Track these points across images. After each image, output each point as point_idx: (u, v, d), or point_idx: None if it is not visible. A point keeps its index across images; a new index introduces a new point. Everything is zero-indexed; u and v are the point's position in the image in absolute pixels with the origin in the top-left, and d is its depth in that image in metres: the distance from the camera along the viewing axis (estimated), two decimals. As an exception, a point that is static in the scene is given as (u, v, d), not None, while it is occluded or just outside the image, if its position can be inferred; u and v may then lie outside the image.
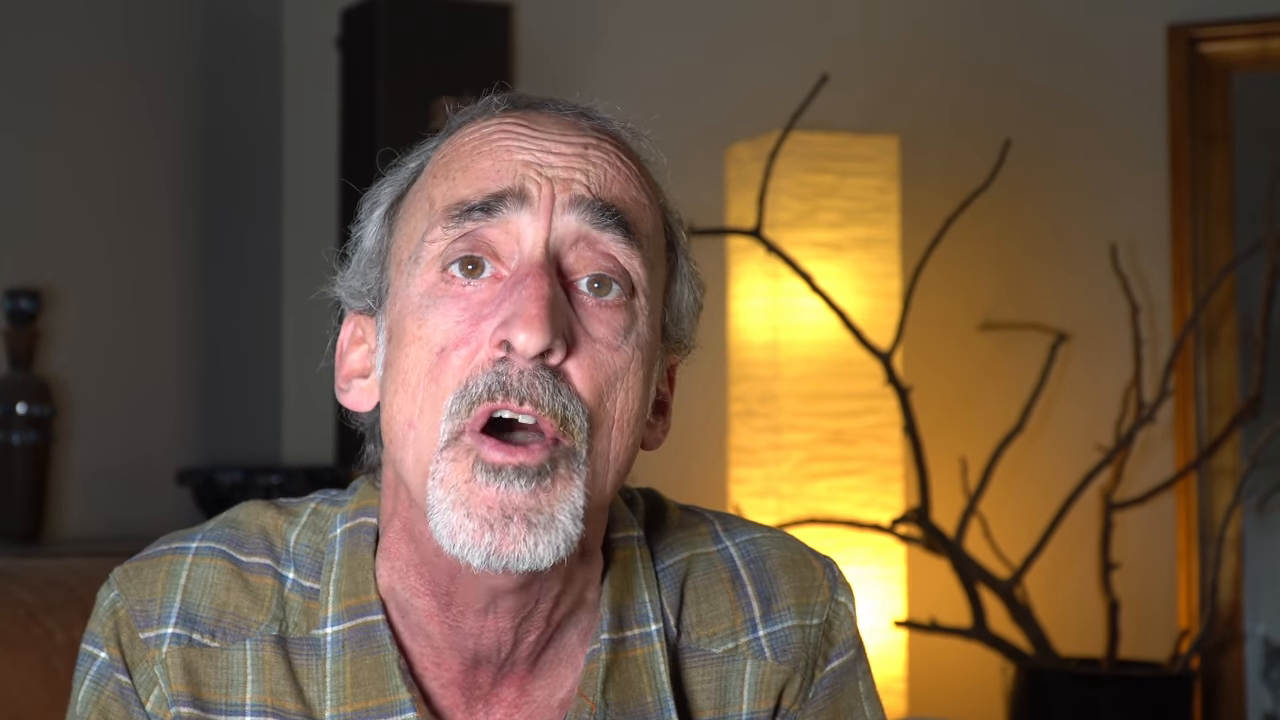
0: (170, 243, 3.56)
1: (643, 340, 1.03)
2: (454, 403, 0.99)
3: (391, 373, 1.03)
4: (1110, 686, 2.75)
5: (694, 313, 1.12)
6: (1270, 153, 3.03)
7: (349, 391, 1.11)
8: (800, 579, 1.15)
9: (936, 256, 2.96)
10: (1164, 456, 3.06)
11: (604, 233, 1.02)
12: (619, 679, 1.09)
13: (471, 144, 1.05)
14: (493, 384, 0.98)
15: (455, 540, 0.97)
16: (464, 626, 1.05)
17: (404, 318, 1.03)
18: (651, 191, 1.08)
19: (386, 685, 1.06)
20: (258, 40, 3.77)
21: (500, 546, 0.96)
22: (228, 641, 1.08)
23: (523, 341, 0.97)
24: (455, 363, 1.00)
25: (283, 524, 1.12)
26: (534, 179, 1.01)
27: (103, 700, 1.09)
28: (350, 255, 1.11)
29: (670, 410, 1.12)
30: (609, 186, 1.03)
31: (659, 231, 1.08)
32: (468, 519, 0.97)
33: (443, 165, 1.06)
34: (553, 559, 0.97)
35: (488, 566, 0.97)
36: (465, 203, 1.02)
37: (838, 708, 1.15)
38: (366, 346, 1.10)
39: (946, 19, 3.29)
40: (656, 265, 1.06)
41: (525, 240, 1.01)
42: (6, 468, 3.11)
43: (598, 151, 1.04)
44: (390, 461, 1.06)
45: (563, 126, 1.05)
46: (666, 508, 1.18)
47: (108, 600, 1.10)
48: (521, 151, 1.03)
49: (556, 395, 0.98)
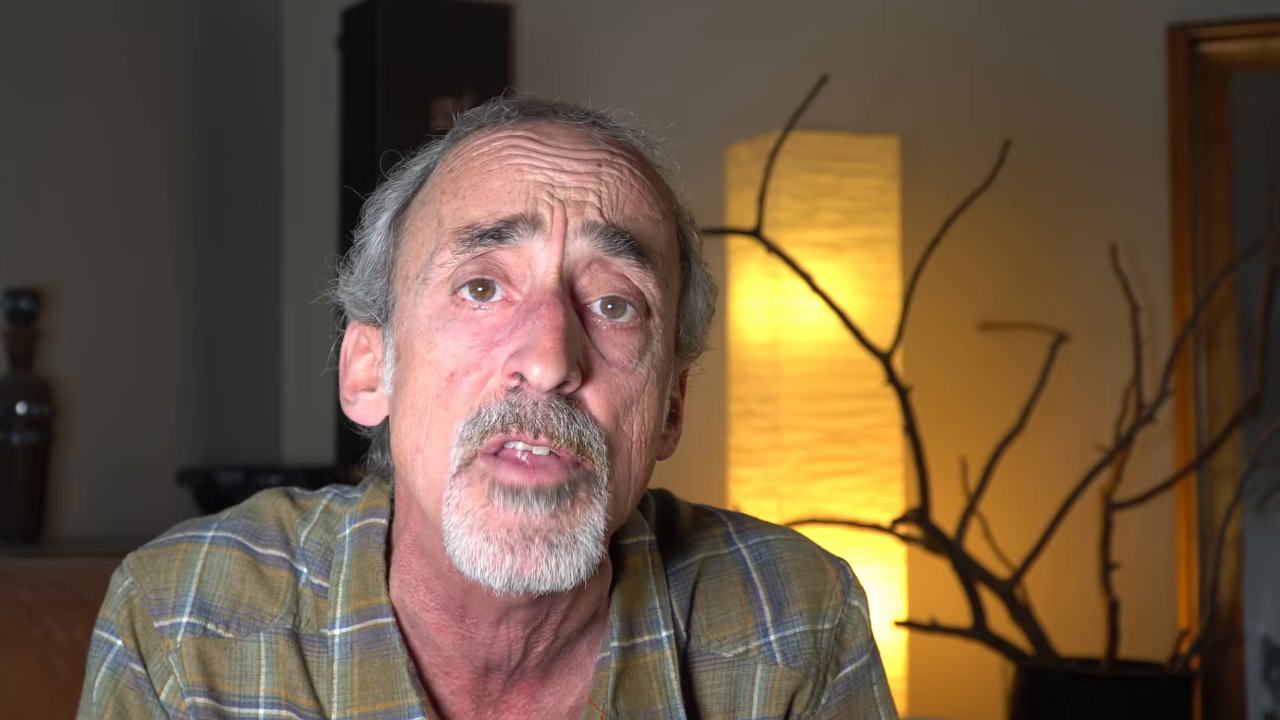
0: (170, 243, 3.56)
1: (657, 360, 1.02)
2: (465, 429, 0.97)
3: (401, 395, 1.02)
4: (1110, 686, 2.75)
5: (707, 318, 1.10)
6: (1270, 153, 3.04)
7: (355, 404, 1.10)
8: (813, 583, 1.14)
9: (936, 256, 2.96)
10: (1164, 456, 3.06)
11: (618, 257, 1.00)
12: (629, 686, 1.08)
13: (481, 160, 1.03)
14: (506, 415, 0.96)
15: (476, 565, 0.96)
16: (475, 637, 1.04)
17: (413, 339, 1.02)
18: (665, 204, 1.06)
19: (395, 689, 1.05)
20: (258, 40, 3.77)
21: (522, 569, 0.95)
22: (242, 633, 1.07)
23: (537, 375, 0.95)
24: (465, 389, 0.98)
25: (296, 519, 1.12)
26: (546, 202, 0.99)
27: (119, 689, 1.08)
28: (354, 260, 1.09)
29: (682, 417, 1.11)
30: (622, 207, 1.01)
31: (673, 243, 1.06)
32: (487, 542, 0.96)
33: (451, 180, 1.03)
34: (574, 580, 0.96)
35: (509, 589, 0.96)
36: (476, 226, 1.00)
37: (852, 714, 1.14)
38: (372, 356, 1.09)
39: (947, 19, 3.29)
40: (670, 281, 1.05)
41: (538, 266, 0.99)
42: (6, 468, 3.11)
43: (610, 168, 1.02)
44: (401, 481, 1.05)
45: (575, 139, 1.03)
46: (679, 509, 1.17)
47: (122, 587, 1.10)
48: (533, 171, 1.01)
49: (572, 424, 0.97)
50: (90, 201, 3.37)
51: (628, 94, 3.47)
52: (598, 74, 3.50)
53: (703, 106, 3.37)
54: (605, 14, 3.53)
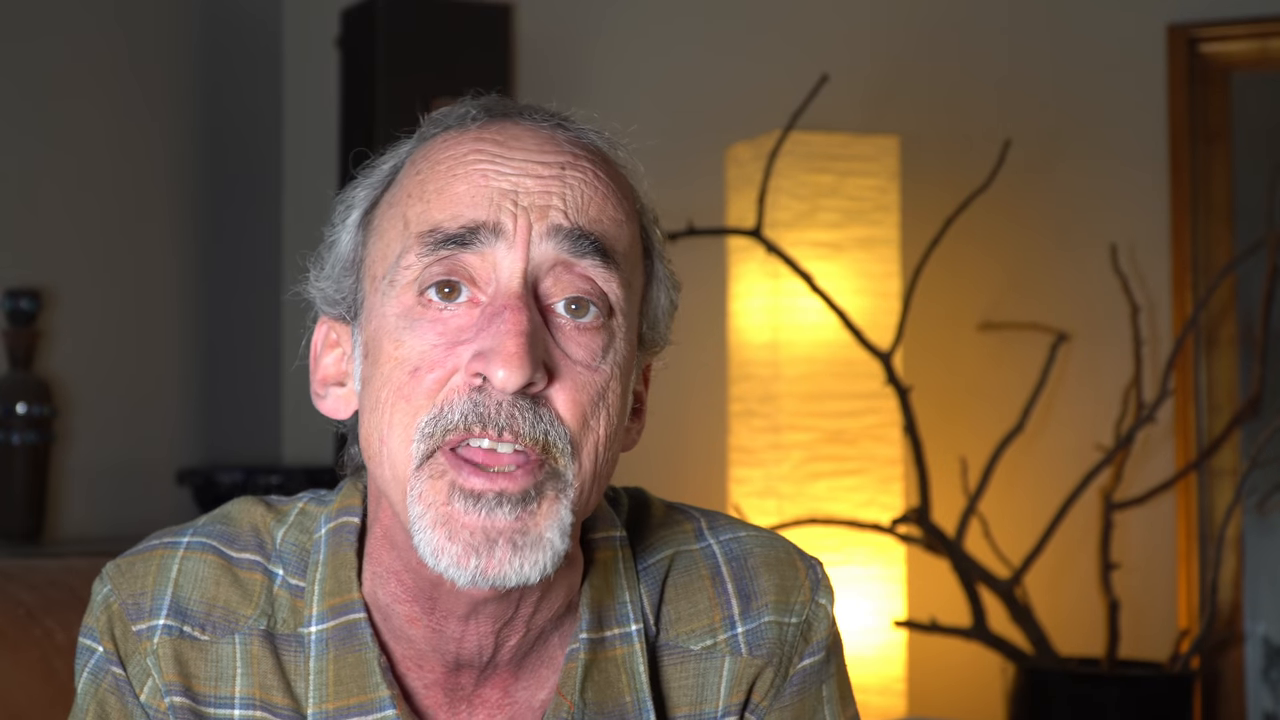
0: (170, 243, 3.56)
1: (620, 357, 1.04)
2: (427, 425, 0.99)
3: (367, 390, 1.04)
4: (1110, 686, 2.75)
5: (670, 314, 1.12)
6: (1270, 153, 3.04)
7: (326, 398, 1.12)
8: (782, 577, 1.16)
9: (936, 256, 2.96)
10: (1164, 456, 3.06)
11: (582, 259, 1.02)
12: (598, 678, 1.09)
13: (447, 164, 1.04)
14: (469, 414, 0.98)
15: (439, 560, 0.98)
16: (446, 631, 1.06)
17: (380, 337, 1.03)
18: (629, 204, 1.08)
19: (367, 683, 1.07)
20: (258, 40, 3.77)
21: (486, 569, 0.97)
22: (217, 635, 1.09)
23: (502, 379, 0.97)
24: (427, 384, 1.00)
25: (271, 522, 1.14)
26: (509, 209, 1.01)
27: (100, 693, 1.11)
28: (324, 256, 1.11)
29: (645, 409, 1.13)
30: (586, 209, 1.03)
31: (636, 243, 1.08)
32: (449, 542, 0.98)
33: (418, 184, 1.05)
34: (539, 575, 0.98)
35: (474, 585, 0.98)
36: (441, 230, 1.02)
37: (803, 707, 1.16)
38: (341, 351, 1.11)
39: (947, 19, 3.29)
40: (633, 280, 1.07)
41: (502, 270, 1.01)
42: (6, 468, 3.11)
43: (574, 171, 1.04)
44: (370, 473, 1.07)
45: (539, 142, 1.05)
46: (651, 505, 1.19)
47: (101, 594, 1.12)
48: (498, 177, 1.02)
49: (537, 423, 0.98)
50: (90, 201, 3.37)
51: (628, 94, 3.48)
52: (598, 74, 3.50)
53: (703, 106, 3.37)
54: (605, 14, 3.53)
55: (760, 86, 3.32)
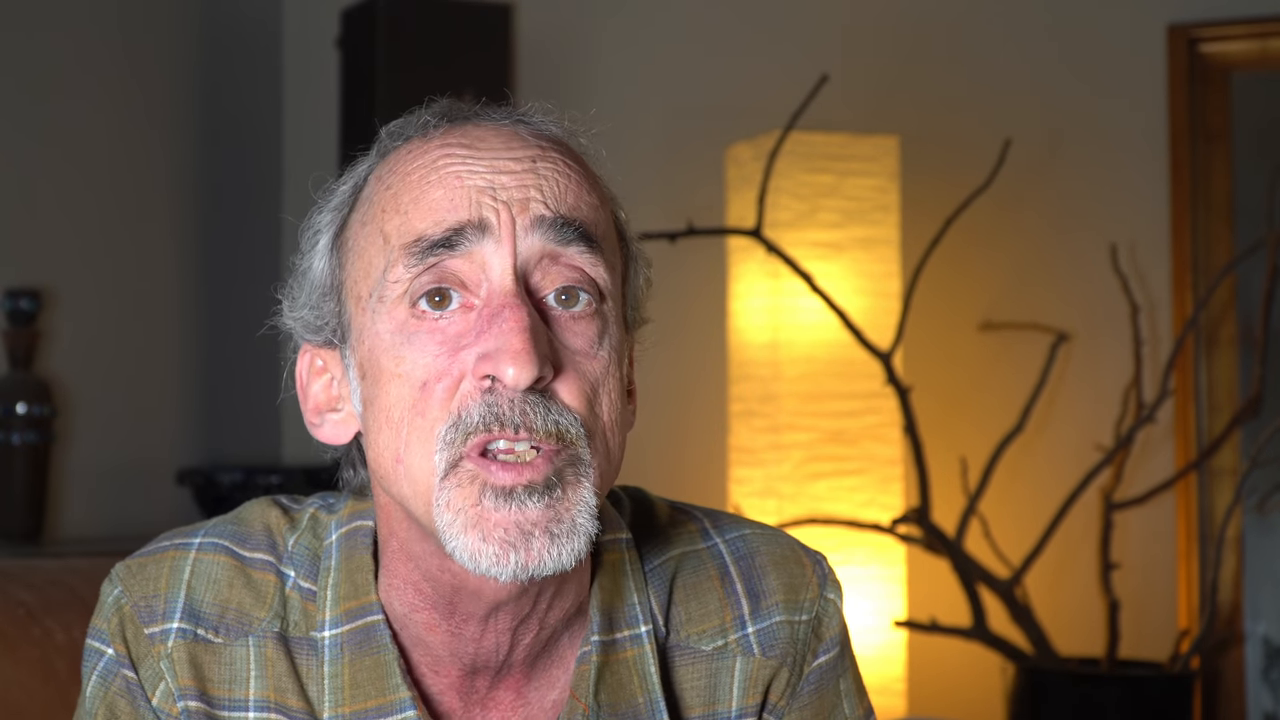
0: (170, 243, 3.56)
1: (615, 341, 1.04)
2: (448, 433, 0.99)
3: (373, 410, 1.04)
4: (1110, 686, 2.75)
5: (645, 290, 1.13)
6: (1270, 153, 3.04)
7: (322, 426, 1.11)
8: (789, 575, 1.16)
9: (936, 256, 2.96)
10: (1164, 456, 3.06)
11: (568, 247, 1.02)
12: (610, 680, 1.10)
13: (419, 173, 1.04)
14: (486, 415, 0.98)
15: (479, 562, 0.98)
16: (465, 634, 1.06)
17: (377, 355, 1.03)
18: (600, 190, 1.08)
19: (386, 685, 1.07)
20: (258, 40, 3.77)
21: (526, 562, 0.98)
22: (231, 638, 1.09)
23: (512, 376, 0.97)
24: (439, 395, 1.00)
25: (285, 526, 1.13)
26: (490, 205, 1.01)
27: (110, 696, 1.10)
28: (296, 285, 1.11)
29: (635, 390, 1.13)
30: (564, 198, 1.03)
31: (611, 226, 1.08)
32: (484, 543, 0.98)
33: (391, 197, 1.05)
34: (574, 561, 0.99)
35: (514, 579, 0.98)
36: (425, 238, 1.01)
37: (822, 704, 1.16)
38: (329, 377, 1.11)
39: (946, 19, 3.29)
40: (615, 264, 1.07)
41: (492, 269, 1.01)
42: (6, 468, 3.11)
43: (545, 162, 1.04)
44: (384, 491, 1.06)
45: (505, 139, 1.05)
46: (654, 506, 1.19)
47: (111, 596, 1.11)
48: (472, 176, 1.02)
49: (549, 414, 0.99)
50: (90, 201, 3.37)
51: (628, 94, 3.48)
52: (597, 74, 3.50)
53: (703, 106, 3.37)
54: (605, 14, 3.53)
55: (760, 86, 3.32)
